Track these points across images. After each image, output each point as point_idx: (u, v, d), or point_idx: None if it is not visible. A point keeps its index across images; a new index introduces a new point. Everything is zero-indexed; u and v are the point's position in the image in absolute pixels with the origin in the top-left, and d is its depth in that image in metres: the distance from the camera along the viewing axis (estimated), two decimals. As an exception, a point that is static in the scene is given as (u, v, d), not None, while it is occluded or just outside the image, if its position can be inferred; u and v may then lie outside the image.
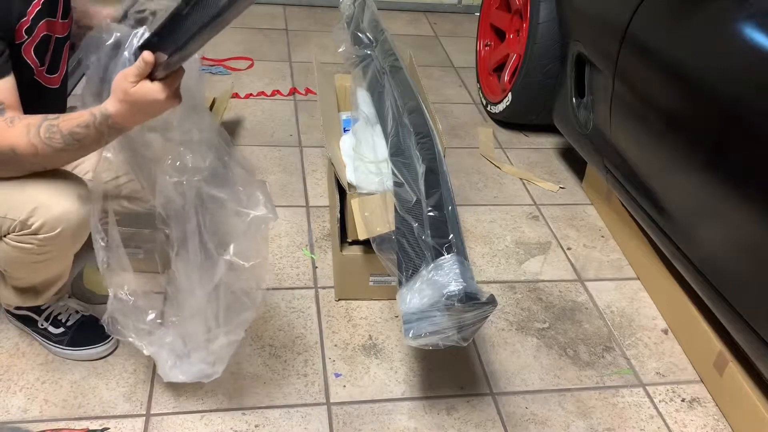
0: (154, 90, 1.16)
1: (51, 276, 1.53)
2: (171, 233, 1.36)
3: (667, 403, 1.69)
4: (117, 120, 1.21)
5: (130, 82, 1.16)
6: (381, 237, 1.65)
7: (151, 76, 1.17)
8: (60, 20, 1.42)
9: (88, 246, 1.80)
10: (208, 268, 1.36)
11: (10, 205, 1.32)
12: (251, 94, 2.84)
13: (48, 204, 1.32)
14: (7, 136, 1.24)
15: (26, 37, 1.33)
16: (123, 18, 1.83)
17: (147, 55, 1.14)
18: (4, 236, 1.36)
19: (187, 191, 1.32)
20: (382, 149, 1.84)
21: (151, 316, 1.42)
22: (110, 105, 1.21)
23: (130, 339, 1.41)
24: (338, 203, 1.85)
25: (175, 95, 1.20)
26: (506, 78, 2.76)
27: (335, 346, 1.74)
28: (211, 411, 1.54)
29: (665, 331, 1.90)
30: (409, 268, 1.48)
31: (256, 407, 1.56)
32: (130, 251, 1.83)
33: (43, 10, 1.35)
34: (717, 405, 1.69)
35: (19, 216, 1.32)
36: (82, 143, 1.25)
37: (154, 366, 1.63)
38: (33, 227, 1.32)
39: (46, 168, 1.33)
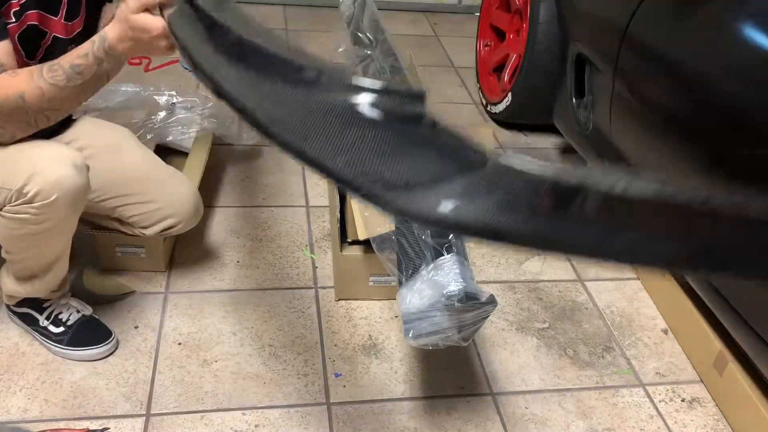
0: (152, 22, 1.21)
1: (49, 256, 1.52)
2: None
3: (667, 403, 1.69)
4: (112, 43, 1.26)
5: (132, 11, 1.22)
6: (381, 237, 1.65)
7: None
8: (63, 20, 1.42)
9: (86, 247, 1.81)
10: None
11: (6, 174, 1.34)
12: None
13: (43, 171, 1.33)
14: (13, 83, 1.28)
15: (13, 19, 1.33)
16: None
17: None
18: (1, 209, 1.37)
19: None
20: (382, 149, 1.84)
21: None
22: (109, 29, 1.26)
23: None
24: (338, 203, 1.85)
25: (169, 44, 1.23)
26: (506, 78, 2.76)
27: (335, 346, 1.74)
28: (211, 411, 1.54)
29: (665, 331, 1.90)
30: (409, 268, 1.48)
31: (256, 407, 1.56)
32: (132, 250, 1.85)
33: (37, 1, 1.35)
34: (717, 405, 1.69)
35: (15, 185, 1.33)
36: (84, 75, 1.29)
37: (155, 366, 1.63)
38: (28, 195, 1.33)
39: (53, 117, 1.36)
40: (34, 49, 1.40)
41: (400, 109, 0.77)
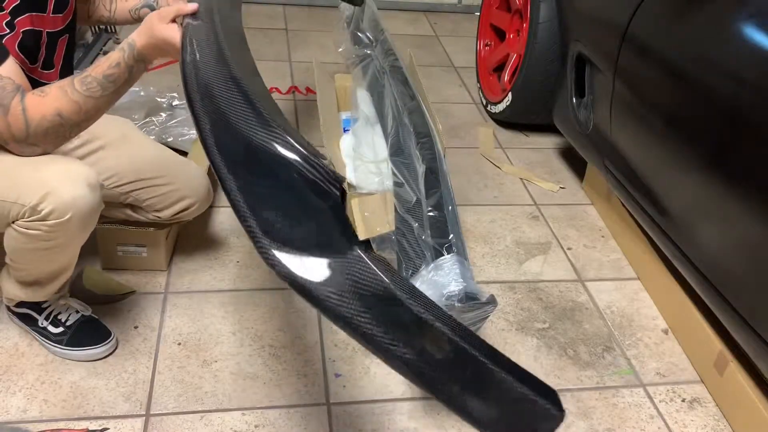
0: (177, 35, 1.26)
1: (55, 268, 1.53)
2: None
3: (667, 403, 1.69)
4: (141, 50, 1.30)
5: (162, 21, 1.27)
6: (381, 237, 1.65)
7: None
8: (51, 14, 1.42)
9: (86, 246, 1.81)
10: None
11: (21, 190, 1.34)
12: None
13: (59, 190, 1.33)
14: (47, 103, 1.30)
15: (7, 30, 1.33)
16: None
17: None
18: (13, 222, 1.37)
19: None
20: (382, 149, 1.84)
21: None
22: (137, 36, 1.30)
23: None
24: (338, 203, 1.85)
25: None
26: (506, 78, 2.76)
27: (335, 346, 1.74)
28: (211, 411, 1.54)
29: (665, 331, 1.90)
30: (409, 268, 1.48)
31: (256, 407, 1.56)
32: (133, 250, 1.85)
33: (24, 4, 1.35)
34: (717, 405, 1.69)
35: (29, 201, 1.33)
36: (116, 83, 1.33)
37: (154, 366, 1.63)
38: (42, 213, 1.33)
39: (84, 126, 1.38)
40: (35, 52, 1.40)
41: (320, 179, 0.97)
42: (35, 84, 1.41)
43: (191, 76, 1.14)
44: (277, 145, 1.00)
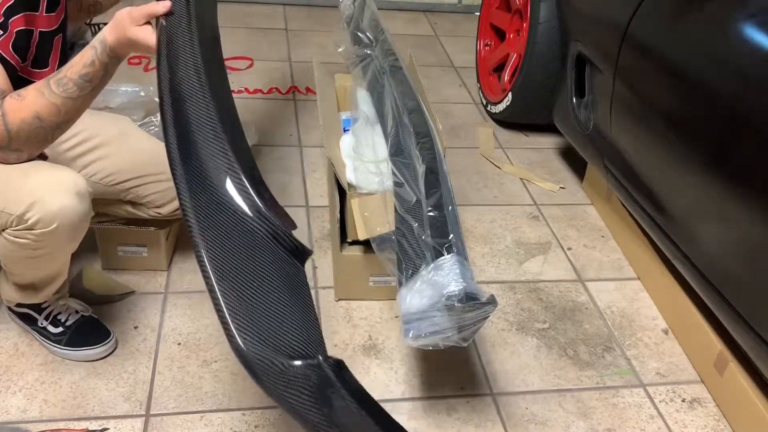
0: (151, 37, 1.26)
1: (48, 273, 1.53)
2: None
3: (667, 403, 1.69)
4: (113, 46, 1.29)
5: (134, 22, 1.27)
6: (381, 237, 1.64)
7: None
8: (44, 13, 1.42)
9: (86, 246, 1.81)
10: None
11: (8, 198, 1.33)
12: (247, 90, 2.84)
13: (45, 200, 1.32)
14: (25, 106, 1.29)
15: (0, 32, 1.32)
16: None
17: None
18: (2, 231, 1.37)
19: None
20: (382, 149, 1.83)
21: None
22: (108, 34, 1.29)
23: None
24: (338, 203, 1.85)
25: None
26: (506, 78, 2.76)
27: (335, 346, 1.74)
28: (210, 411, 1.54)
29: (665, 331, 1.90)
30: (409, 268, 1.47)
31: (256, 407, 1.56)
32: (134, 250, 1.85)
33: (18, 4, 1.34)
34: (717, 405, 1.69)
35: (16, 211, 1.32)
36: (93, 81, 1.32)
37: (154, 366, 1.63)
38: (29, 222, 1.33)
39: (66, 127, 1.37)
40: (25, 51, 1.40)
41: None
42: (27, 83, 1.41)
43: (166, 90, 1.18)
44: (249, 219, 1.13)
